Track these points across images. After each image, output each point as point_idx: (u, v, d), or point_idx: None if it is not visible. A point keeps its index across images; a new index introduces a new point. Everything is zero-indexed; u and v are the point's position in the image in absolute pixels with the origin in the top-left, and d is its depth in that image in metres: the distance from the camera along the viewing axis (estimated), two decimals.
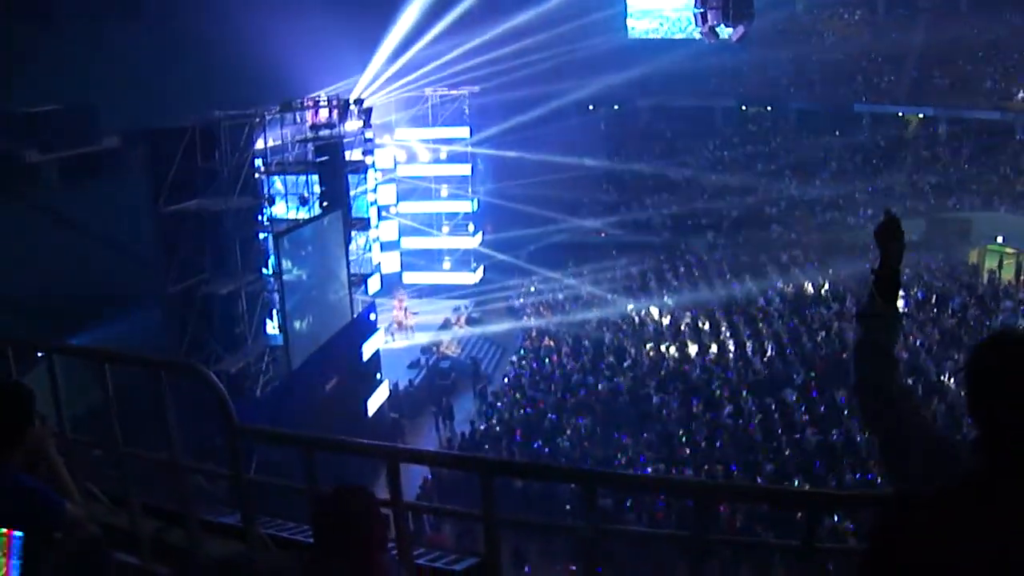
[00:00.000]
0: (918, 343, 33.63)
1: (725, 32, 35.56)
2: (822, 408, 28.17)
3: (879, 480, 21.91)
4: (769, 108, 65.82)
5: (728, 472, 23.96)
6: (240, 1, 33.55)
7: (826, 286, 41.74)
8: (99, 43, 27.44)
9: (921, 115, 59.75)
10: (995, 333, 2.97)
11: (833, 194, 53.80)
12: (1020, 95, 55.37)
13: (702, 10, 35.23)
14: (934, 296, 38.92)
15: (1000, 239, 44.50)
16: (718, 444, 25.99)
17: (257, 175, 27.71)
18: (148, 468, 5.84)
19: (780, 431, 26.82)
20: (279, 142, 29.60)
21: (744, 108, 66.52)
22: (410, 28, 42.96)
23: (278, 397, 24.45)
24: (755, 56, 60.31)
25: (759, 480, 23.31)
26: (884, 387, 3.62)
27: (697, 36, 38.27)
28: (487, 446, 27.34)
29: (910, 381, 29.52)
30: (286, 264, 25.24)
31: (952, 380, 29.29)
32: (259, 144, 27.89)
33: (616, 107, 65.29)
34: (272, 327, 26.87)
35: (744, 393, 29.82)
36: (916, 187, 52.92)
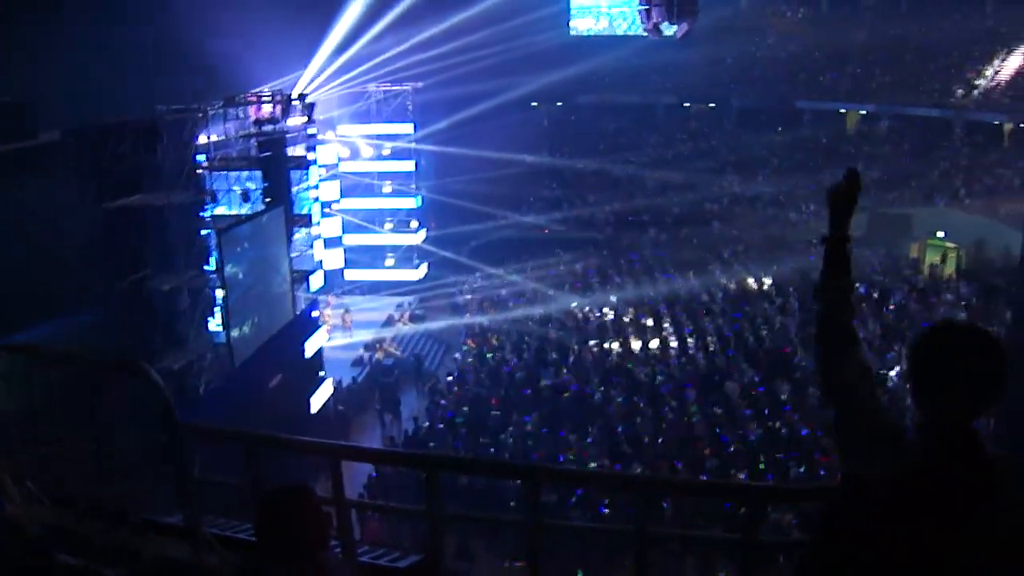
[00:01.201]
0: (860, 336, 33.81)
1: (669, 29, 35.75)
2: (765, 403, 28.31)
3: (822, 473, 22.12)
4: (712, 105, 66.22)
5: (672, 467, 24.03)
6: None
7: (768, 281, 41.92)
8: (37, 37, 27.17)
9: (863, 112, 60.39)
10: (936, 323, 3.13)
11: (775, 191, 54.27)
12: (959, 92, 56.00)
13: (647, 7, 35.41)
14: (875, 291, 39.23)
15: (940, 234, 45.03)
16: (660, 440, 26.04)
17: (199, 170, 27.50)
18: (90, 468, 5.76)
19: (723, 426, 26.92)
20: (222, 137, 29.41)
21: (686, 105, 66.80)
22: (353, 23, 42.82)
23: (221, 395, 24.24)
24: (698, 53, 60.64)
25: (703, 475, 23.46)
26: (845, 364, 3.63)
27: (641, 33, 38.40)
28: (432, 443, 27.27)
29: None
30: (228, 261, 25.04)
31: (894, 372, 29.53)
32: (202, 139, 27.71)
33: (559, 104, 65.37)
34: (215, 324, 26.66)
35: (687, 388, 29.91)
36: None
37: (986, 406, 3.02)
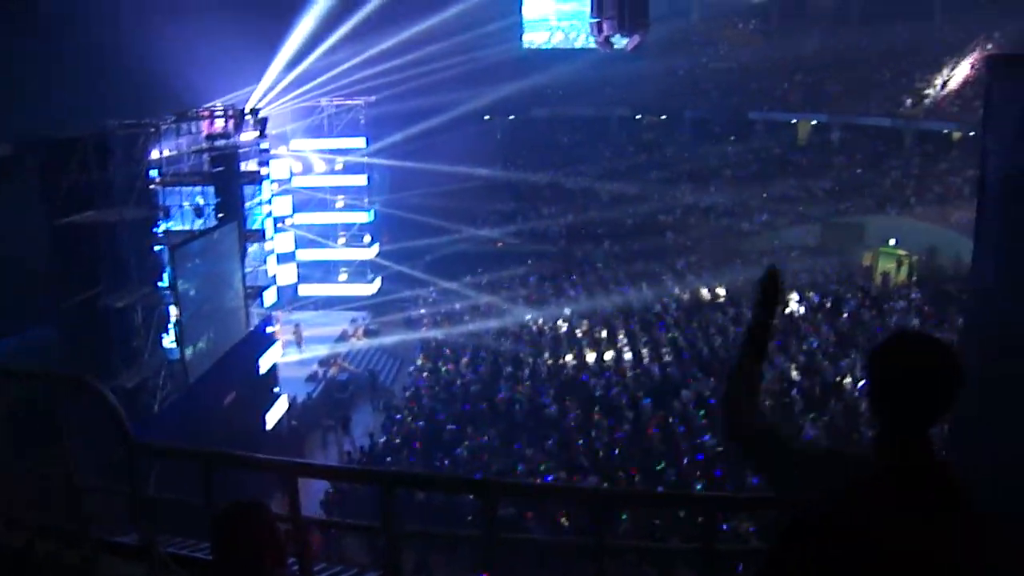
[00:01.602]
0: (815, 345, 34.11)
1: (620, 42, 35.81)
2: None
3: None
4: (664, 117, 66.38)
5: (629, 478, 24.05)
6: (134, 10, 33.19)
7: (722, 292, 42.10)
8: None
9: (814, 122, 60.77)
10: (893, 334, 3.14)
11: (728, 201, 54.44)
12: (909, 102, 56.49)
13: (597, 20, 35.43)
14: (829, 299, 39.52)
15: (892, 242, 45.49)
16: (615, 451, 26.06)
17: (152, 186, 27.33)
18: (43, 487, 5.69)
19: (679, 437, 26.98)
20: (174, 152, 29.25)
21: (639, 117, 67.00)
22: (306, 38, 42.75)
23: (176, 412, 24.01)
24: (650, 65, 60.83)
25: (659, 486, 23.50)
26: (754, 436, 3.66)
27: (593, 46, 38.47)
28: (388, 458, 27.19)
29: (807, 383, 29.99)
30: (182, 277, 24.87)
31: (848, 380, 29.74)
32: (154, 155, 27.54)
33: (512, 117, 65.36)
34: (169, 341, 26.47)
35: (642, 399, 29.96)
36: (810, 192, 53.74)
37: (943, 415, 3.06)
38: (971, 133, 49.80)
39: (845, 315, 37.85)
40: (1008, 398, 4.63)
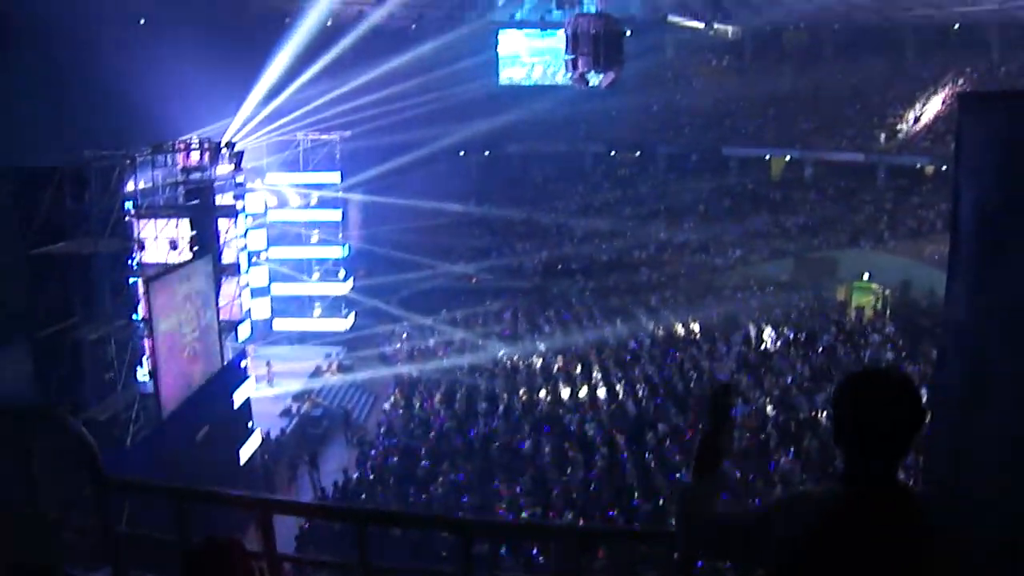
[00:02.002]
0: (789, 380, 34.20)
1: (595, 79, 35.99)
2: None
3: None
4: (638, 153, 66.64)
5: (605, 515, 24.01)
6: (111, 41, 33.13)
7: (696, 327, 42.16)
8: None
9: (788, 157, 61.08)
10: (855, 373, 3.24)
11: (702, 237, 54.68)
12: (882, 136, 56.88)
13: (573, 57, 35.66)
14: (803, 334, 39.66)
15: (866, 276, 45.82)
16: (593, 487, 26.01)
17: (127, 218, 27.19)
18: (11, 523, 5.59)
19: (654, 473, 26.96)
20: (149, 184, 29.13)
21: (613, 153, 67.24)
22: (283, 72, 42.78)
23: (149, 446, 23.83)
24: (625, 102, 61.17)
25: (635, 522, 23.46)
26: (714, 538, 3.71)
27: (568, 83, 38.64)
28: (363, 495, 27.08)
29: (782, 418, 30.03)
30: (156, 310, 24.72)
31: (823, 414, 29.82)
32: (129, 186, 27.42)
33: (487, 152, 65.47)
34: (143, 374, 26.29)
35: (617, 436, 29.93)
36: (783, 228, 54.00)
37: (905, 449, 3.13)
38: (943, 167, 50.23)
39: (820, 349, 37.98)
40: (981, 432, 4.65)
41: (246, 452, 29.22)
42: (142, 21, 40.98)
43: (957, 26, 58.99)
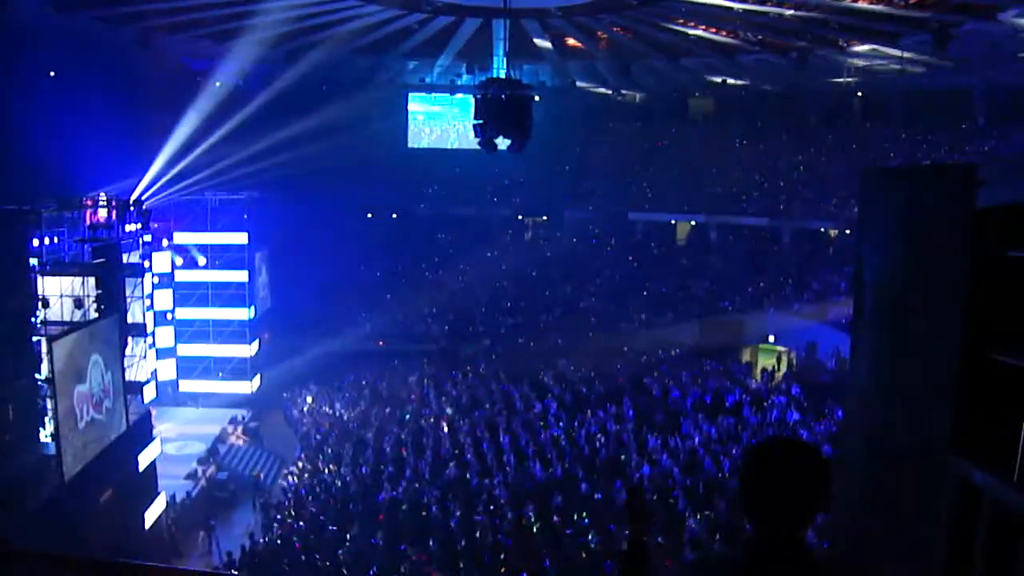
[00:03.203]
0: (696, 441, 34.40)
1: (503, 143, 36.20)
2: (603, 511, 28.44)
3: None
4: (545, 218, 66.98)
5: None
6: (18, 93, 32.78)
7: (602, 390, 42.30)
8: None
9: (693, 222, 61.78)
10: (759, 443, 3.39)
11: (608, 300, 54.96)
12: (782, 205, 57.78)
13: (481, 121, 35.84)
14: (709, 396, 40.00)
15: (771, 338, 46.39)
16: (503, 556, 25.90)
17: (31, 274, 26.72)
18: None
19: (563, 536, 26.94)
20: (55, 241, 28.73)
21: (521, 218, 67.50)
22: (192, 131, 42.49)
23: (51, 510, 23.30)
24: (533, 166, 61.49)
25: None
26: None
27: (476, 147, 38.83)
28: (269, 560, 26.76)
29: (687, 482, 30.12)
30: (60, 370, 24.25)
31: (731, 477, 30.05)
32: (34, 242, 27.01)
33: (394, 215, 65.43)
34: (44, 435, 25.75)
35: (524, 498, 29.89)
36: (690, 291, 54.47)
37: (811, 518, 3.23)
38: (847, 231, 51.12)
39: (727, 410, 38.30)
40: (885, 494, 4.79)
41: (151, 515, 28.75)
42: (52, 73, 40.59)
43: (860, 93, 60.23)
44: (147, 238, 37.12)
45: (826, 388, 38.38)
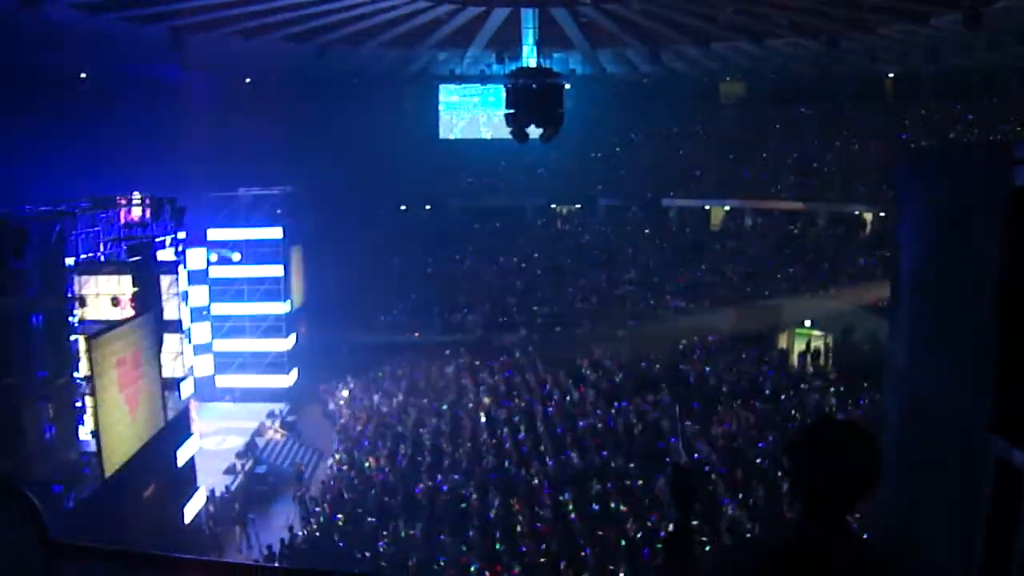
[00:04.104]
0: (727, 427, 34.28)
1: (535, 132, 36.15)
2: (641, 498, 28.32)
3: None
4: (579, 206, 66.81)
5: (553, 565, 23.88)
6: (54, 95, 32.93)
7: (638, 377, 42.15)
8: None
9: (727, 207, 61.51)
10: (810, 423, 3.35)
11: (643, 288, 54.74)
12: (820, 184, 57.44)
13: (512, 111, 35.78)
14: (746, 381, 39.82)
15: (808, 323, 46.08)
16: (541, 545, 25.82)
17: (68, 274, 26.82)
18: None
19: (600, 524, 26.84)
20: (91, 240, 28.83)
21: (554, 206, 67.35)
22: (225, 128, 42.56)
23: (93, 507, 23.39)
24: (565, 154, 61.36)
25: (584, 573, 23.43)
26: None
27: (508, 137, 38.75)
28: (309, 552, 26.79)
29: (723, 470, 30.00)
30: (98, 368, 24.32)
31: (767, 462, 29.84)
32: (71, 242, 27.11)
33: (428, 207, 65.42)
34: (85, 432, 25.85)
35: (562, 486, 29.81)
36: (725, 277, 54.20)
37: (861, 499, 3.20)
38: (882, 214, 50.77)
39: (764, 396, 38.07)
40: (924, 477, 4.81)
41: (191, 510, 28.87)
42: (83, 75, 40.79)
43: (891, 75, 59.87)
44: (182, 235, 37.13)
45: (863, 372, 38.08)
